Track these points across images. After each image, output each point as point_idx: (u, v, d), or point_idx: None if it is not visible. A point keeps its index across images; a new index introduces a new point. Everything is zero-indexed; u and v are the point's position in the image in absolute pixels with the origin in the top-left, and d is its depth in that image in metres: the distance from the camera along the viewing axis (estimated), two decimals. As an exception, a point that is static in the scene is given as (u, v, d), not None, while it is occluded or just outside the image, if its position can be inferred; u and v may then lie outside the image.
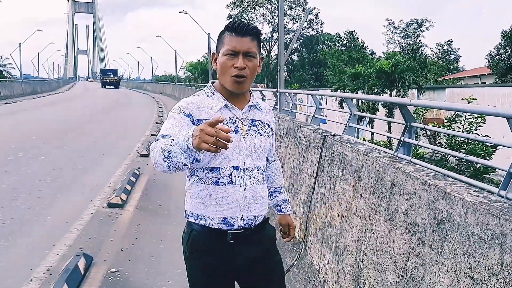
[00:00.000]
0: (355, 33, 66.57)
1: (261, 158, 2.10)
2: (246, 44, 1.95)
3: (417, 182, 2.37)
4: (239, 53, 1.95)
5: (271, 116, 2.20)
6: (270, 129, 2.16)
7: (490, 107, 11.55)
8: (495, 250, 1.72)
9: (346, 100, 9.26)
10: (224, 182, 2.00)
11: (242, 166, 2.01)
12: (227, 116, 2.00)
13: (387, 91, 26.00)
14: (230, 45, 1.95)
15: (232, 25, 1.97)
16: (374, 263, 2.68)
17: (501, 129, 4.72)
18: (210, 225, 2.02)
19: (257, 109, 2.11)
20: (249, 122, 2.05)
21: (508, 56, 33.00)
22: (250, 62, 1.97)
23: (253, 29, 1.98)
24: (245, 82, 1.98)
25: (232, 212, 2.01)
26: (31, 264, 4.52)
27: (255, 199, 2.05)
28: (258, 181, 2.06)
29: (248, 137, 2.02)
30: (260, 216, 2.10)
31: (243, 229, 2.04)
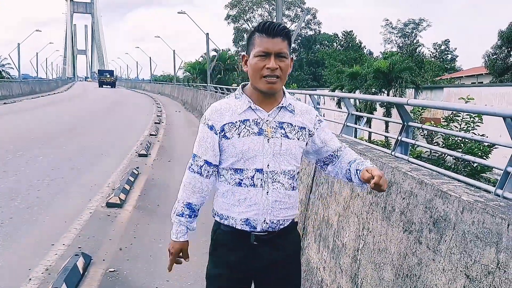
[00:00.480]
0: (352, 33, 66.61)
1: (289, 162, 2.03)
2: (278, 44, 1.95)
3: (413, 181, 2.38)
4: (271, 54, 1.94)
5: (309, 117, 2.12)
6: (304, 132, 2.09)
7: (487, 107, 11.60)
8: (491, 248, 1.73)
9: (344, 100, 9.27)
10: (246, 183, 2.01)
11: (265, 169, 2.00)
12: (251, 118, 2.01)
13: (385, 90, 26.06)
14: (261, 46, 1.95)
15: (262, 26, 1.97)
16: (371, 262, 2.70)
17: (498, 128, 4.74)
18: (234, 225, 2.04)
19: (288, 111, 2.06)
20: (275, 124, 2.01)
21: (505, 55, 33.04)
22: (282, 62, 1.96)
23: (284, 29, 1.97)
24: (277, 82, 1.97)
25: (254, 214, 2.02)
26: (30, 263, 4.53)
27: (279, 204, 2.03)
28: (283, 186, 2.03)
29: (272, 140, 2.00)
30: (286, 220, 2.08)
31: (266, 232, 2.04)
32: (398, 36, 65.50)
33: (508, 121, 3.65)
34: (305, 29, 69.16)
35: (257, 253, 2.06)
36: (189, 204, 2.11)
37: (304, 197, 4.29)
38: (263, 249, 2.06)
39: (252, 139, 1.99)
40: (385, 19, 71.93)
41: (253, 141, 1.99)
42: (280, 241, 2.09)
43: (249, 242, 2.04)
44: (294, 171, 2.07)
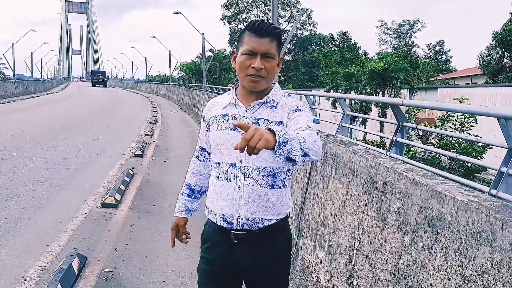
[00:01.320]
0: (348, 33, 66.81)
1: (264, 159, 1.99)
2: (265, 45, 1.95)
3: (408, 182, 2.39)
4: (258, 54, 1.95)
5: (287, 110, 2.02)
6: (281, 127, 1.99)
7: (481, 107, 11.64)
8: (485, 248, 1.74)
9: (339, 100, 9.29)
10: (222, 177, 2.04)
11: (238, 164, 2.01)
12: (231, 112, 2.06)
13: (380, 91, 26.13)
14: (249, 45, 1.96)
15: (252, 25, 1.98)
16: (366, 262, 2.71)
17: (492, 128, 4.76)
18: (215, 221, 2.08)
19: (268, 107, 2.03)
20: (250, 121, 2.01)
21: (499, 56, 33.18)
22: (268, 63, 1.97)
23: (273, 29, 1.98)
24: (261, 82, 1.98)
25: (229, 209, 2.03)
26: (24, 264, 4.52)
27: (253, 200, 2.01)
28: (256, 182, 2.00)
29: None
30: (265, 220, 2.04)
31: (244, 231, 2.04)
32: (393, 37, 65.76)
33: (502, 122, 3.67)
34: (301, 29, 69.27)
35: (238, 252, 2.07)
36: (188, 185, 2.32)
37: (299, 197, 4.30)
38: (244, 249, 2.06)
39: (227, 133, 2.02)
40: (380, 20, 72.27)
41: (227, 135, 2.02)
42: (262, 242, 2.06)
43: (230, 240, 2.06)
44: (274, 168, 2.01)
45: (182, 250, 4.93)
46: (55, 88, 64.42)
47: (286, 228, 2.16)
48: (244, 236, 2.04)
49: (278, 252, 2.13)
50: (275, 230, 2.08)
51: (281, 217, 2.09)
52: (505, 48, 32.09)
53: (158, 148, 12.43)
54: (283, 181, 2.06)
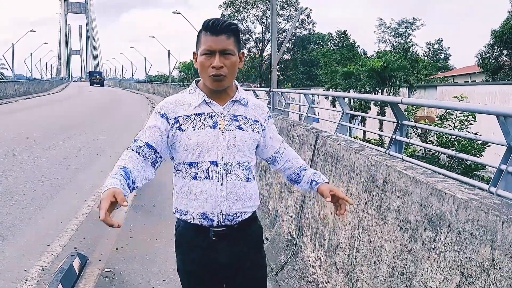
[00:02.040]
0: (346, 32, 66.69)
1: (244, 153, 2.06)
2: (222, 42, 1.95)
3: (408, 180, 2.40)
4: (216, 52, 1.95)
5: (261, 112, 2.16)
6: (257, 125, 2.12)
7: (480, 105, 11.64)
8: (486, 246, 1.75)
9: (338, 99, 9.30)
10: (202, 176, 2.02)
11: (220, 161, 2.02)
12: (206, 111, 2.03)
13: (379, 90, 26.11)
14: (206, 44, 1.96)
15: (207, 24, 1.97)
16: (367, 260, 2.71)
17: (491, 126, 4.77)
18: (191, 221, 2.06)
19: (242, 104, 2.09)
20: (230, 117, 2.04)
21: (498, 54, 33.18)
22: (228, 60, 1.97)
23: (228, 26, 1.97)
24: (224, 80, 1.99)
25: (210, 207, 2.03)
26: (25, 264, 4.52)
27: (234, 195, 2.05)
28: (238, 177, 2.05)
29: (227, 132, 2.02)
30: (243, 213, 2.09)
31: (224, 227, 2.06)
32: (391, 35, 65.67)
33: (501, 119, 3.68)
34: (300, 28, 69.23)
35: (217, 249, 2.08)
36: (124, 168, 1.89)
37: (299, 196, 4.31)
38: (223, 245, 2.08)
39: (208, 131, 2.01)
40: (378, 19, 72.20)
41: (208, 134, 2.01)
42: (239, 235, 2.10)
43: (209, 238, 2.06)
44: (249, 162, 2.10)
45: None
46: (54, 89, 64.39)
47: (257, 219, 2.25)
48: (223, 232, 2.07)
49: (255, 242, 2.21)
50: (250, 222, 2.15)
51: (255, 209, 2.18)
52: (504, 46, 32.09)
53: (157, 147, 12.42)
54: (253, 174, 2.15)
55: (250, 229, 2.16)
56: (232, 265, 2.13)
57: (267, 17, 65.76)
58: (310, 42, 69.38)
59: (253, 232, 2.19)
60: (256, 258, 2.21)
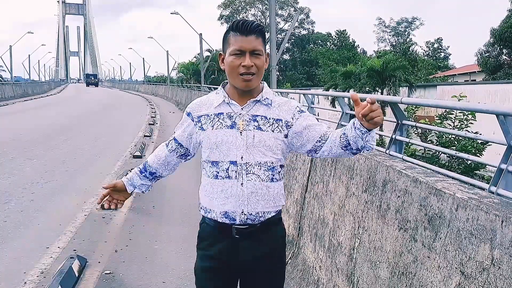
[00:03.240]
0: (346, 32, 66.71)
1: (264, 153, 2.04)
2: (252, 42, 1.98)
3: (408, 180, 2.39)
4: (246, 52, 1.98)
5: (286, 109, 2.10)
6: (280, 124, 2.07)
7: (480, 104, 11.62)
8: (485, 245, 1.74)
9: (338, 99, 9.30)
10: (222, 176, 2.05)
11: (239, 161, 2.02)
12: (225, 111, 2.06)
13: (378, 89, 26.09)
14: (236, 45, 1.99)
15: (236, 25, 2.01)
16: (367, 260, 2.71)
17: (491, 125, 4.76)
18: (215, 218, 2.08)
19: (264, 104, 2.08)
20: (248, 117, 2.04)
21: (497, 53, 33.22)
22: (257, 59, 2.00)
23: (257, 26, 2.01)
24: (253, 79, 2.01)
25: (232, 206, 2.04)
26: (24, 267, 4.51)
27: (256, 195, 2.05)
28: (258, 177, 2.04)
29: (245, 132, 2.03)
30: (266, 213, 2.08)
31: (247, 225, 2.06)
32: (391, 34, 65.75)
33: (501, 119, 3.67)
34: (299, 28, 69.24)
35: (239, 247, 2.08)
36: (145, 163, 2.32)
37: (299, 197, 4.30)
38: (246, 243, 2.08)
39: (225, 131, 2.04)
40: (378, 18, 72.21)
41: (225, 134, 2.04)
42: (263, 235, 2.10)
43: (231, 235, 2.07)
44: (273, 162, 2.07)
45: (183, 251, 4.93)
46: (53, 90, 64.37)
47: (281, 220, 2.23)
48: (246, 230, 2.07)
49: (277, 243, 2.20)
50: (274, 222, 2.14)
51: (279, 209, 2.16)
52: (503, 45, 32.12)
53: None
54: (279, 174, 2.12)
55: (274, 230, 2.16)
56: (252, 265, 2.13)
57: (266, 17, 65.74)
58: (309, 42, 69.40)
59: (277, 233, 2.19)
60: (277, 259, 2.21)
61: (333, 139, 2.06)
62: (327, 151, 2.09)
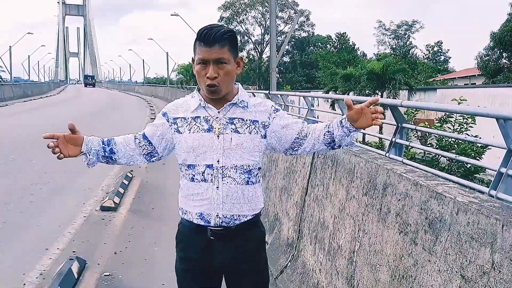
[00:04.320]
0: (346, 35, 66.75)
1: (241, 156, 2.04)
2: (215, 52, 1.95)
3: (409, 183, 2.39)
4: (209, 62, 1.97)
5: (262, 110, 2.11)
6: (257, 125, 2.07)
7: (480, 108, 11.63)
8: (486, 249, 1.74)
9: (338, 102, 9.30)
10: (198, 179, 2.06)
11: (216, 165, 2.03)
12: (201, 115, 2.07)
13: (378, 92, 26.10)
14: (200, 55, 1.98)
15: (200, 35, 1.98)
16: (367, 264, 2.71)
17: (491, 129, 4.76)
18: (191, 220, 2.10)
19: (240, 107, 2.08)
20: (225, 121, 2.05)
21: (497, 57, 33.25)
22: (222, 69, 1.98)
23: (221, 35, 1.96)
24: (219, 89, 2.00)
25: (206, 208, 2.06)
26: (24, 268, 4.50)
27: (231, 198, 2.05)
28: (234, 180, 2.04)
29: (222, 136, 2.03)
30: (241, 216, 2.09)
31: (222, 227, 2.07)
32: (391, 37, 65.77)
33: (501, 122, 3.67)
34: (299, 31, 69.24)
35: (215, 248, 2.10)
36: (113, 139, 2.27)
37: (299, 200, 4.30)
38: (221, 245, 2.10)
39: (202, 135, 2.05)
40: (378, 21, 72.20)
41: (202, 138, 2.04)
42: (238, 237, 2.11)
43: (207, 237, 2.09)
44: (249, 165, 2.07)
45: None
46: (52, 91, 64.34)
47: (259, 223, 2.23)
48: (221, 232, 2.08)
49: (254, 246, 2.20)
50: (250, 226, 2.14)
51: (256, 212, 2.16)
52: (503, 49, 32.15)
53: (157, 150, 12.40)
54: (255, 177, 2.12)
55: (249, 232, 2.15)
56: (229, 268, 2.14)
57: (266, 19, 65.80)
58: (309, 45, 69.44)
59: (252, 236, 2.18)
60: (255, 262, 2.20)
61: (315, 136, 2.10)
62: (309, 147, 2.14)
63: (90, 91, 75.45)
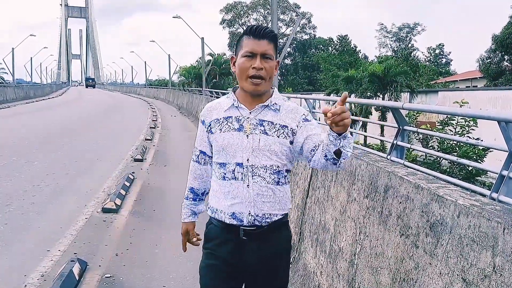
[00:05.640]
0: (347, 37, 66.80)
1: (269, 157, 2.07)
2: (264, 46, 2.04)
3: (410, 186, 2.39)
4: (257, 55, 2.04)
5: (293, 116, 2.11)
6: (286, 130, 2.08)
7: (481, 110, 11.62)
8: (487, 252, 1.74)
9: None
10: (229, 177, 2.10)
11: (245, 163, 2.07)
12: (233, 115, 2.12)
13: (380, 94, 26.13)
14: (248, 47, 2.05)
15: (250, 29, 2.07)
16: (368, 266, 2.70)
17: (493, 132, 4.76)
18: (223, 219, 2.12)
19: (272, 110, 2.11)
20: (256, 122, 2.09)
21: (499, 59, 33.26)
22: (267, 63, 2.05)
23: (270, 32, 2.07)
24: (262, 84, 2.05)
25: (239, 207, 2.08)
26: (25, 270, 4.50)
27: (262, 197, 2.08)
28: (264, 179, 2.08)
29: (251, 136, 2.07)
30: (272, 215, 2.12)
31: (254, 227, 2.09)
32: (392, 40, 65.89)
33: (503, 125, 3.67)
34: (300, 33, 69.32)
35: (246, 248, 2.11)
36: (192, 189, 2.35)
37: (300, 202, 4.30)
38: (252, 244, 2.11)
39: (232, 134, 2.09)
40: (379, 23, 72.36)
41: (232, 136, 2.08)
42: (269, 237, 2.13)
43: (239, 237, 2.10)
44: (278, 166, 2.10)
45: (183, 255, 4.91)
46: (54, 93, 64.48)
47: (288, 223, 2.26)
48: (253, 231, 2.10)
49: (283, 246, 2.23)
50: (280, 225, 2.18)
51: (285, 212, 2.20)
52: (505, 51, 32.17)
53: (158, 152, 12.42)
54: (285, 178, 2.16)
55: (280, 232, 2.19)
56: (257, 267, 2.15)
57: (267, 21, 65.84)
58: (311, 47, 69.50)
59: (282, 236, 2.22)
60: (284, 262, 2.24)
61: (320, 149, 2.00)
62: (316, 162, 2.03)
63: (91, 93, 75.65)
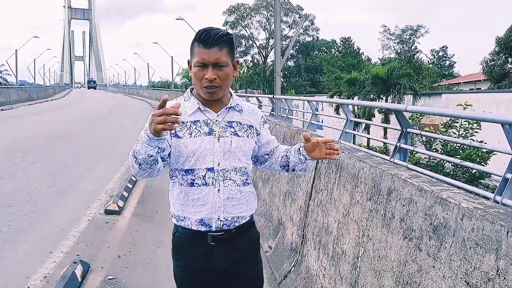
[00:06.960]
0: (350, 39, 66.82)
1: (240, 159, 2.08)
2: (214, 55, 1.95)
3: (413, 188, 2.38)
4: (208, 65, 1.96)
5: (255, 117, 2.19)
6: (252, 130, 2.15)
7: (485, 113, 11.60)
8: (490, 255, 1.73)
9: (342, 106, 9.30)
10: (198, 183, 2.05)
11: (216, 168, 2.04)
12: (201, 119, 2.05)
13: (383, 97, 26.10)
14: (198, 57, 1.96)
15: (199, 36, 1.96)
16: (371, 269, 2.69)
17: (496, 134, 4.74)
18: (189, 227, 2.08)
19: (236, 111, 2.11)
20: (225, 124, 2.07)
21: (503, 62, 33.18)
22: (221, 71, 1.98)
23: (220, 38, 1.95)
24: (217, 91, 2.01)
25: (208, 213, 2.05)
26: (28, 271, 4.51)
27: (231, 200, 2.07)
28: (234, 182, 2.07)
29: (222, 139, 2.04)
30: (240, 218, 2.11)
31: (222, 231, 2.08)
32: (396, 42, 65.85)
33: (507, 128, 3.67)
34: (303, 35, 69.36)
35: (215, 253, 2.10)
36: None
37: (303, 204, 4.29)
38: (221, 249, 2.10)
39: (203, 139, 2.03)
40: (383, 26, 72.34)
41: (203, 141, 2.03)
42: (237, 240, 2.12)
43: (207, 243, 2.08)
44: (246, 168, 2.13)
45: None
46: (57, 95, 64.64)
47: (255, 224, 2.27)
48: (222, 236, 2.08)
49: (253, 247, 2.23)
50: (248, 227, 2.18)
51: (252, 212, 2.20)
52: (509, 54, 32.10)
53: (161, 154, 12.41)
54: (248, 177, 2.17)
55: (248, 234, 2.19)
56: (230, 271, 2.14)
57: (270, 23, 65.97)
58: (314, 49, 69.55)
59: (250, 237, 2.21)
60: (255, 263, 2.23)
61: (276, 156, 2.28)
62: (268, 165, 2.31)
63: (94, 94, 75.89)
